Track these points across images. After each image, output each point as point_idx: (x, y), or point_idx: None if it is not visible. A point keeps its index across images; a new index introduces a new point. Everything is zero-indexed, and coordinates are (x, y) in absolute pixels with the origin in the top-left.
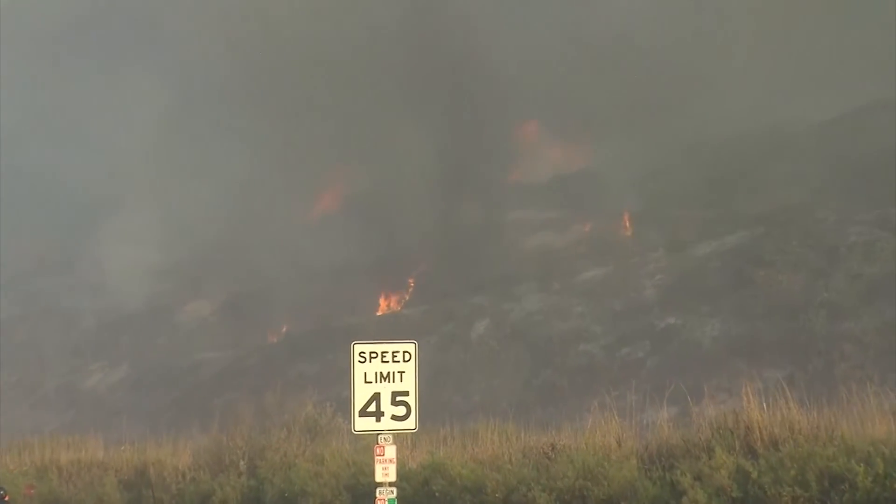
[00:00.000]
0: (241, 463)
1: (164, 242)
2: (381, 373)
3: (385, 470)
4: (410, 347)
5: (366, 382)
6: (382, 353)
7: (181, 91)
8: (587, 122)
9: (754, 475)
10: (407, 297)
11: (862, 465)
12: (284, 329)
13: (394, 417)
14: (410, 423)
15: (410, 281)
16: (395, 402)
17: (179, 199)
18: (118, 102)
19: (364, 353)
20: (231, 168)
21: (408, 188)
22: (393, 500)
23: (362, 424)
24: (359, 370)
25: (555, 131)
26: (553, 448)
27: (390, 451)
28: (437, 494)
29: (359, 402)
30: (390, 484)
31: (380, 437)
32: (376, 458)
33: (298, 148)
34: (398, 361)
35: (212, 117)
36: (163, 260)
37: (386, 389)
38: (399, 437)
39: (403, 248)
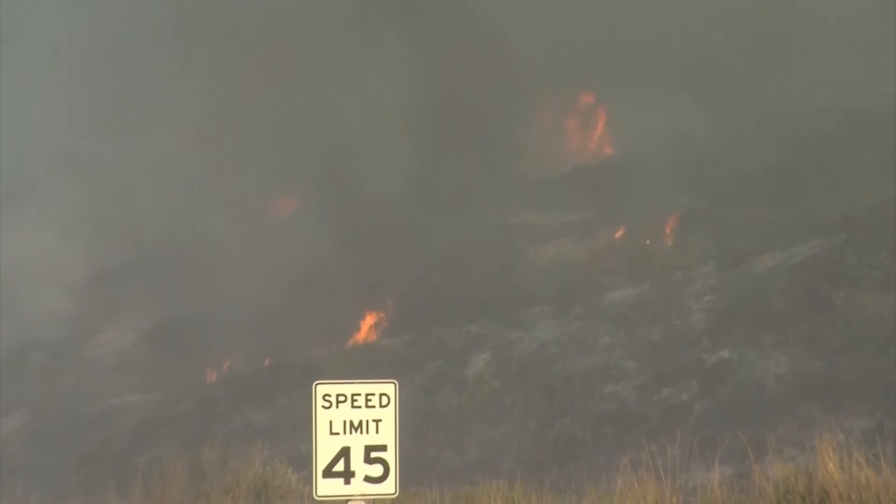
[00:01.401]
0: None
1: (74, 249)
2: (351, 421)
3: None
4: (389, 389)
5: (332, 434)
6: (353, 395)
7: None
8: (617, 95)
9: None
10: (386, 323)
11: None
12: (227, 365)
13: (368, 479)
14: (389, 487)
15: (390, 302)
16: (369, 460)
17: (94, 192)
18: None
19: (329, 395)
20: (164, 159)
21: (389, 187)
22: None
23: (327, 488)
24: (322, 418)
25: (576, 108)
26: None
27: None
28: None
29: (323, 460)
30: None
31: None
32: None
33: (255, 133)
34: (373, 406)
35: (143, 80)
36: (73, 273)
37: (357, 443)
38: None
39: (382, 260)
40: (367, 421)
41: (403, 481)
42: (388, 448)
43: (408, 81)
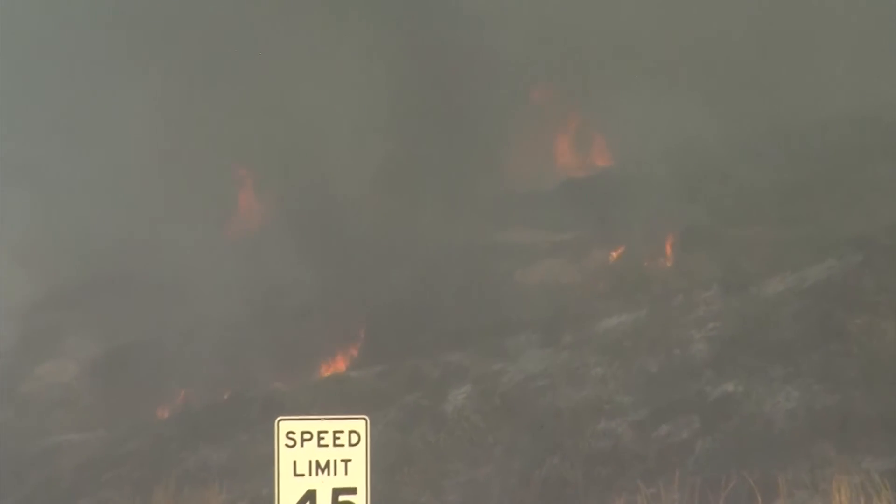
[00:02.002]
0: None
1: (11, 269)
2: (317, 461)
3: None
4: (360, 426)
5: (296, 475)
6: (320, 433)
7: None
8: (613, 99)
9: None
10: (356, 353)
11: None
12: (181, 398)
13: None
14: None
15: (361, 329)
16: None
17: (36, 204)
18: None
19: (294, 432)
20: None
21: (360, 199)
22: None
23: None
24: (286, 457)
25: (568, 114)
26: None
27: None
28: None
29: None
30: None
31: None
32: None
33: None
34: (342, 445)
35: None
36: (9, 296)
37: (324, 485)
38: None
39: (353, 282)
40: (335, 461)
41: None
42: (359, 491)
43: (380, 82)
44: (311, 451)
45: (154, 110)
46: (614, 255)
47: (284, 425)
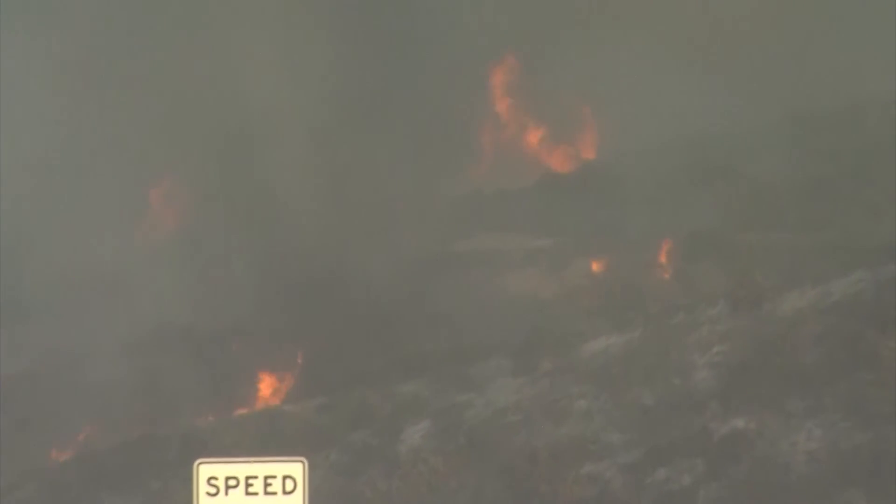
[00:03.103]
0: None
1: None
2: None
3: None
4: (296, 469)
5: None
6: (248, 478)
7: None
8: (601, 81)
9: None
10: (292, 382)
11: None
12: (82, 438)
13: None
14: None
15: (298, 355)
16: None
17: None
18: None
19: (217, 478)
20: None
21: (297, 200)
22: None
23: None
24: None
25: (547, 98)
26: None
27: None
28: None
29: None
30: None
31: None
32: None
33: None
34: (275, 493)
35: None
36: None
37: None
38: None
39: (289, 300)
40: None
41: None
42: None
43: (322, 63)
44: (237, 501)
45: (61, 99)
46: (601, 264)
47: (205, 469)
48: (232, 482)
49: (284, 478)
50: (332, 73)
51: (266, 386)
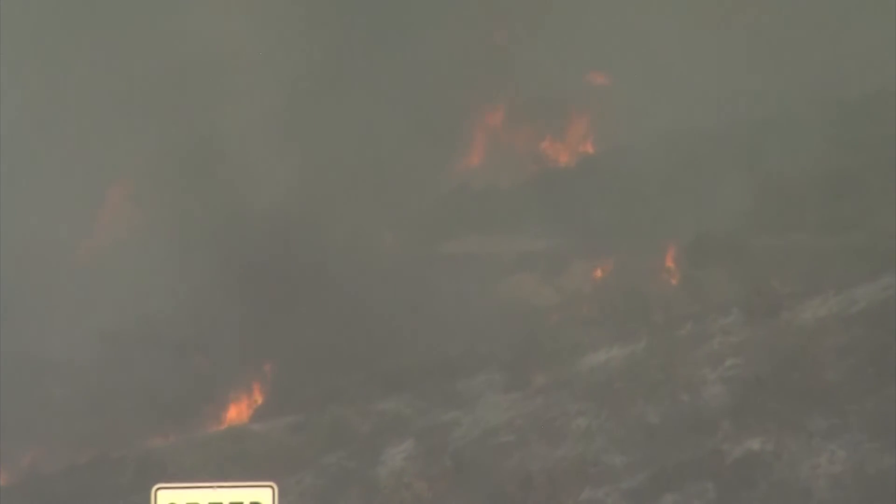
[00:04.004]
0: None
1: None
2: None
3: None
4: (265, 495)
5: None
6: None
7: None
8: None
9: None
10: (261, 399)
11: None
12: (27, 461)
13: None
14: None
15: (268, 368)
16: None
17: None
18: None
19: None
20: None
21: (266, 200)
22: None
23: None
24: None
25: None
26: None
27: None
28: None
29: None
30: None
31: None
32: None
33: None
34: None
35: None
36: None
37: None
38: None
39: (258, 308)
40: None
41: None
42: None
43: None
44: None
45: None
46: (601, 270)
47: (164, 496)
48: None
49: None
50: (311, 62)
51: (232, 403)
